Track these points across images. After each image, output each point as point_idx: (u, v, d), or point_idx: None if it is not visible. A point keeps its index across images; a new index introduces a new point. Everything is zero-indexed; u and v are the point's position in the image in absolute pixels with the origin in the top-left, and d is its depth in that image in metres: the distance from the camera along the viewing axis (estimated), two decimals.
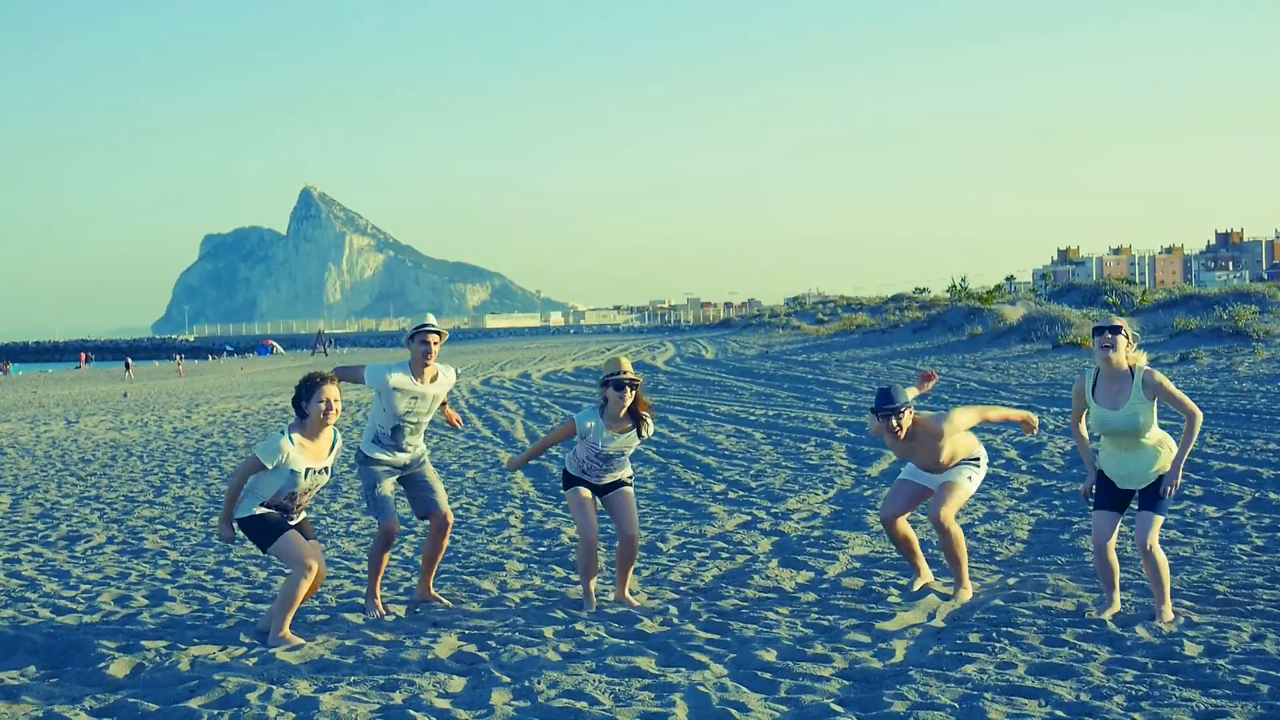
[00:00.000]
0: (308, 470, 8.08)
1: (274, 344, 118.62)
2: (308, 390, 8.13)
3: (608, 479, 8.86)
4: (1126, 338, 7.82)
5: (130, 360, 78.08)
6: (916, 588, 8.85)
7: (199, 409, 32.82)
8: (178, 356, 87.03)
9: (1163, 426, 8.22)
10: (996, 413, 8.93)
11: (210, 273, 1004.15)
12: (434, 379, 8.92)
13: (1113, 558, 7.94)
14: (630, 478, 8.99)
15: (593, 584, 8.78)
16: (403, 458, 8.91)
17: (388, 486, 8.83)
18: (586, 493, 8.83)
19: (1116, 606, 7.93)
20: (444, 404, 9.16)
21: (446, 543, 9.14)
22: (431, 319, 9.02)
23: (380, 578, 8.99)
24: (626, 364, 8.67)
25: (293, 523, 8.16)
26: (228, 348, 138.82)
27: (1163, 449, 7.83)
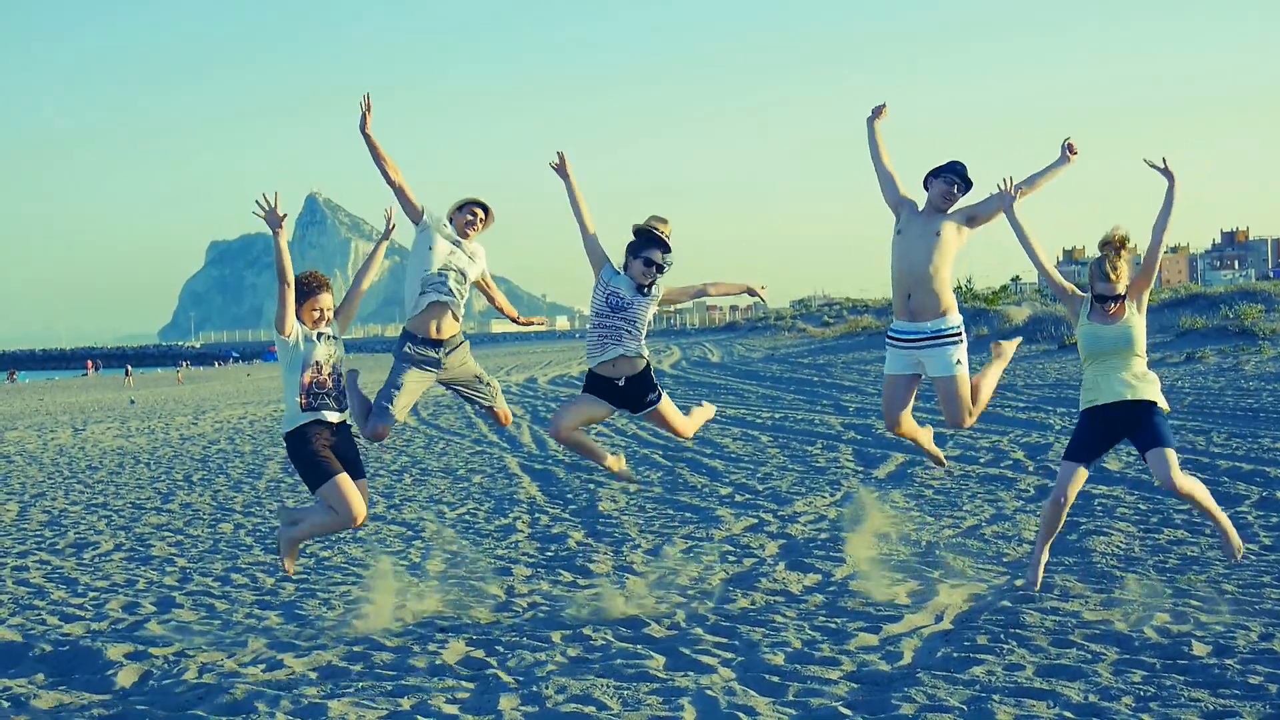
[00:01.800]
0: (319, 335, 8.11)
1: None
2: (303, 295, 8.16)
3: (618, 350, 8.58)
4: (1130, 254, 8.02)
5: (130, 367, 78.30)
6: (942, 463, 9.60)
7: (206, 415, 32.86)
8: (184, 364, 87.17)
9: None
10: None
11: (216, 279, 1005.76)
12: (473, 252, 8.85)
13: (1063, 515, 8.03)
14: (654, 393, 8.79)
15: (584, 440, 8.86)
16: (451, 303, 8.73)
17: (413, 383, 8.74)
18: (596, 400, 8.75)
19: (1038, 579, 8.14)
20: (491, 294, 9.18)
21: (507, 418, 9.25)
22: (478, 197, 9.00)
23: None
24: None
25: (331, 413, 8.08)
26: (234, 354, 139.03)
27: (1152, 378, 7.91)
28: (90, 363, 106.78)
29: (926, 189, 8.72)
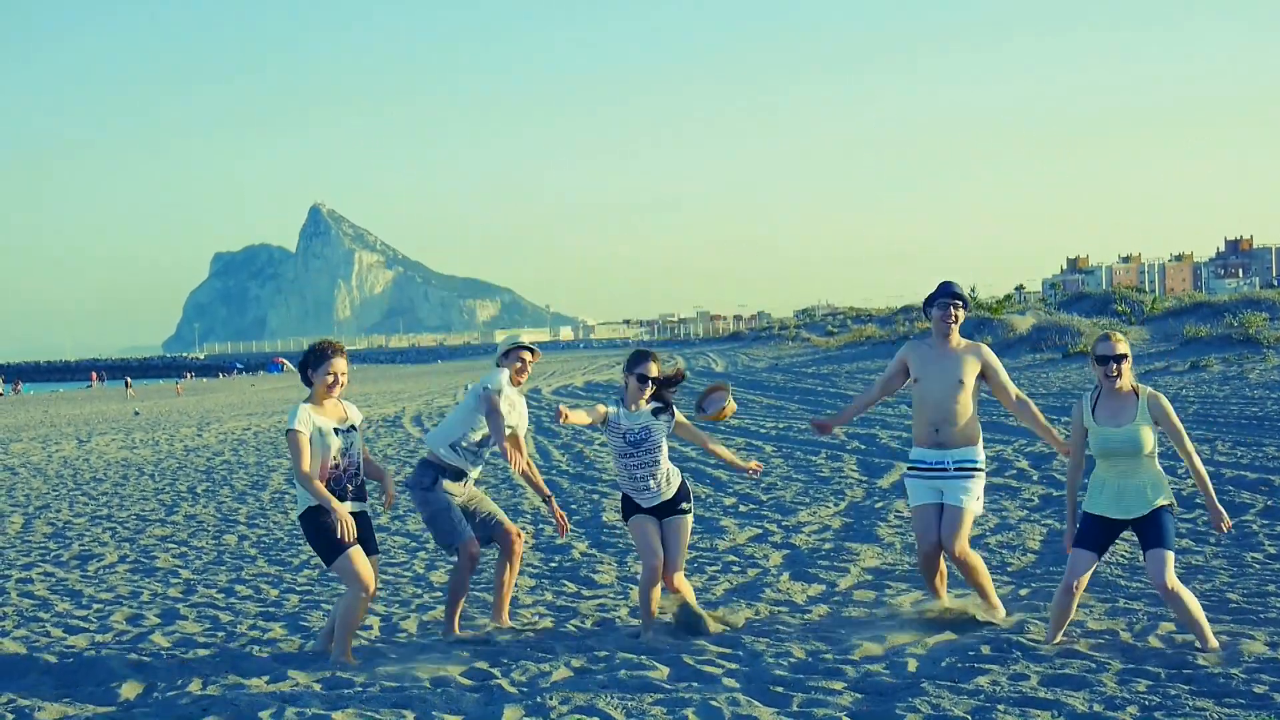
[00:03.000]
0: (335, 429, 7.81)
1: (284, 361, 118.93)
2: (316, 360, 7.93)
3: (655, 491, 8.38)
4: (1130, 361, 7.69)
5: (130, 379, 78.52)
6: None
7: (210, 427, 32.87)
8: (187, 374, 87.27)
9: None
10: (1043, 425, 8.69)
11: (220, 290, 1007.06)
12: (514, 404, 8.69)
13: (1076, 602, 7.58)
14: (687, 504, 8.56)
15: (654, 608, 8.34)
16: (474, 473, 8.65)
17: (459, 509, 8.54)
18: (645, 519, 8.42)
19: (1059, 640, 7.62)
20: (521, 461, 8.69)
21: (519, 564, 8.80)
22: (525, 338, 8.94)
23: (461, 604, 8.66)
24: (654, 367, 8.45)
25: (349, 503, 7.79)
26: (238, 366, 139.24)
27: (1162, 480, 7.50)
28: (95, 374, 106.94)
29: (928, 316, 8.54)
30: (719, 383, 9.02)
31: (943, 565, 8.44)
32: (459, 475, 8.56)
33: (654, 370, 8.42)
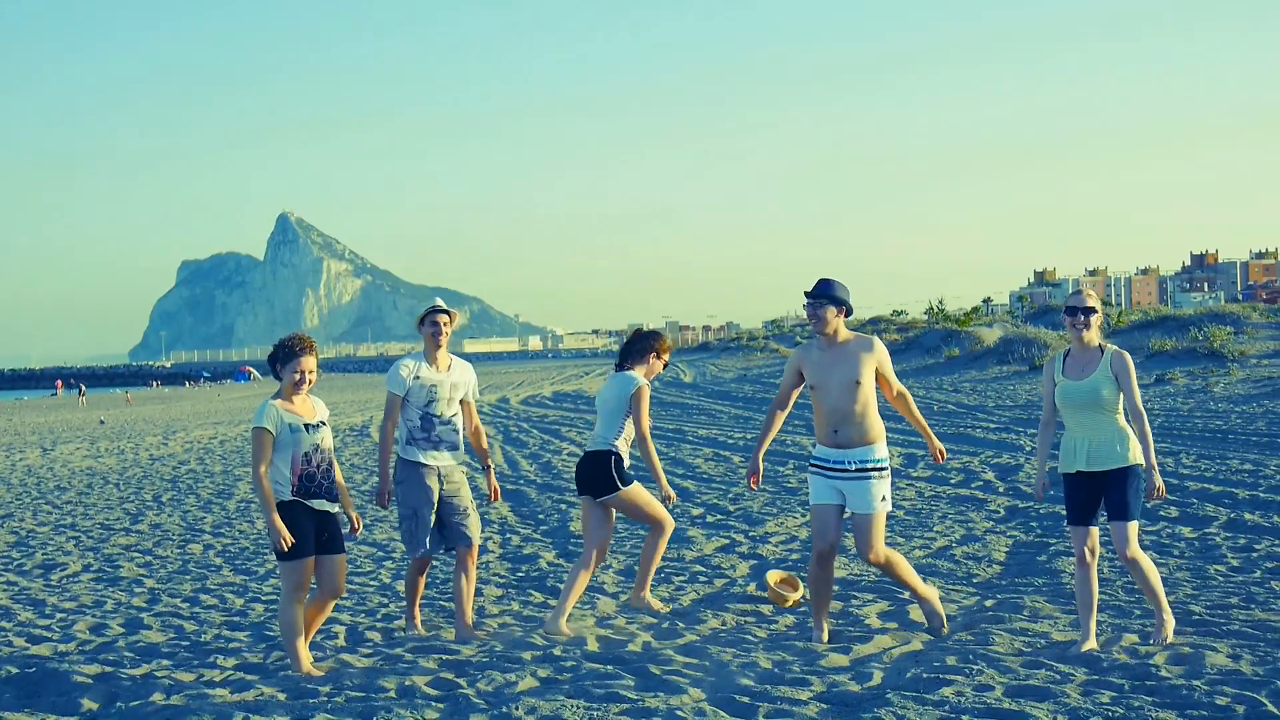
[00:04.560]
0: (306, 425, 7.72)
1: (251, 370, 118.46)
2: (285, 356, 7.79)
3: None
4: (1099, 315, 7.93)
5: (84, 387, 78.16)
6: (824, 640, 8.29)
7: (176, 435, 32.71)
8: (154, 383, 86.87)
9: None
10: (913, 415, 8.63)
11: (187, 299, 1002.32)
12: (449, 367, 8.85)
13: (1094, 576, 7.83)
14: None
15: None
16: (443, 457, 8.72)
17: (427, 517, 8.66)
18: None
19: (1093, 643, 7.70)
20: (485, 456, 9.10)
21: (474, 573, 8.90)
22: (440, 301, 9.05)
23: (418, 602, 9.02)
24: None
25: (321, 502, 7.75)
26: (205, 374, 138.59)
27: (1128, 435, 7.71)
28: (60, 383, 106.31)
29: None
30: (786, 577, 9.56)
31: (829, 598, 8.41)
32: (421, 468, 8.69)
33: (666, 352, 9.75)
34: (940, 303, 66.48)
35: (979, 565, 10.61)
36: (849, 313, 8.33)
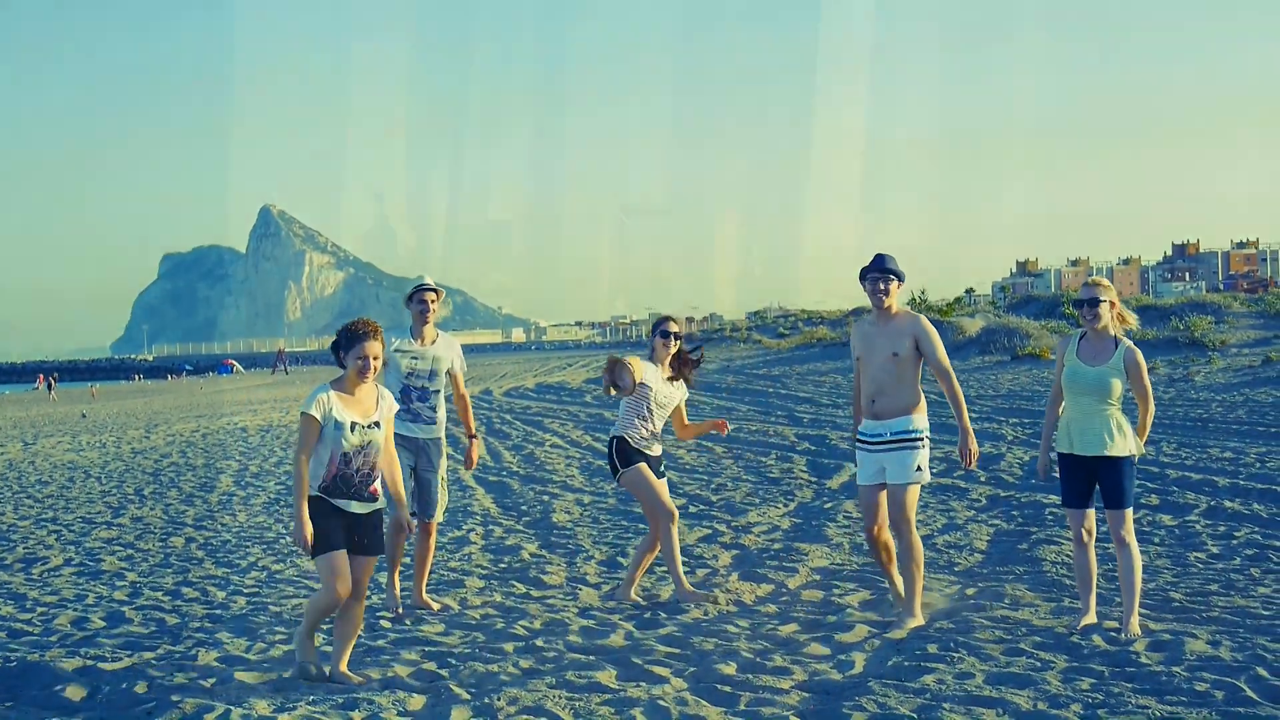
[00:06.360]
0: (354, 424, 7.21)
1: (234, 363, 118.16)
2: (349, 340, 7.29)
3: (656, 448, 9.37)
4: (1109, 304, 8.01)
5: (55, 380, 77.91)
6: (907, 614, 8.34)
7: (158, 429, 32.62)
8: (135, 376, 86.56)
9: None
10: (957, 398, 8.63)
11: (169, 292, 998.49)
12: (434, 341, 9.24)
13: (1092, 555, 7.99)
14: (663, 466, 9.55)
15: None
16: (417, 430, 9.15)
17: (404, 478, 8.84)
18: (651, 474, 9.26)
19: (1092, 617, 7.90)
20: (469, 427, 9.72)
21: (433, 544, 9.52)
22: (428, 279, 9.30)
23: (397, 568, 9.22)
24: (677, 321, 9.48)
25: (354, 503, 7.32)
26: (187, 367, 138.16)
27: (1124, 426, 7.86)
28: (41, 377, 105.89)
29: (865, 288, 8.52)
30: (612, 356, 9.44)
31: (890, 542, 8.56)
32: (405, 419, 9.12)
33: (675, 326, 9.45)
34: (922, 293, 66.49)
35: (960, 554, 10.64)
36: (901, 281, 8.52)
